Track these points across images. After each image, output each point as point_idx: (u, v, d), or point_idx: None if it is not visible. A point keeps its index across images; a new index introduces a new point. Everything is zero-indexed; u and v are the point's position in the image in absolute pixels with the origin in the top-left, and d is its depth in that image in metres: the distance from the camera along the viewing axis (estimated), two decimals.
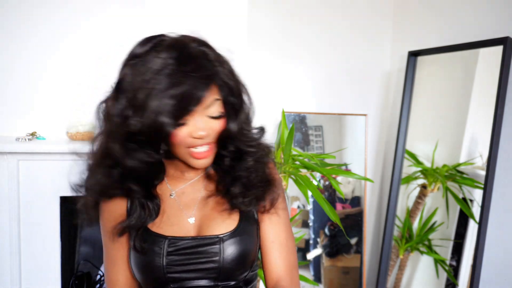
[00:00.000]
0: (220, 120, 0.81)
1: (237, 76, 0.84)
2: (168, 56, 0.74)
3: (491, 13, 1.61)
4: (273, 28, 1.96)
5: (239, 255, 0.85)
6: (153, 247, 0.83)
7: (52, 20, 1.57)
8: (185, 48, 0.77)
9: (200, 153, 0.81)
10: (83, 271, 1.76)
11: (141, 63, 0.77)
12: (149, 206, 0.85)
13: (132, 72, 0.78)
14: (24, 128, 1.56)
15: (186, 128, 0.78)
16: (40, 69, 1.58)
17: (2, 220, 1.43)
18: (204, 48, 0.79)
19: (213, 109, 0.79)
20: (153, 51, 0.77)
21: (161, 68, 0.73)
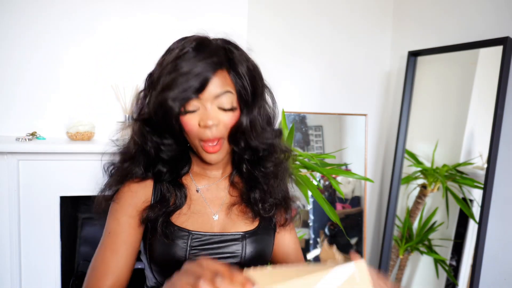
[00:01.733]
0: (231, 113, 0.81)
1: (258, 75, 0.85)
2: (188, 46, 0.78)
3: (491, 13, 1.62)
4: (273, 28, 1.96)
5: (258, 253, 0.88)
6: (177, 241, 0.84)
7: (52, 22, 1.57)
8: (207, 40, 0.81)
9: (210, 147, 0.81)
10: (83, 271, 1.76)
11: (166, 56, 0.80)
12: (177, 194, 0.86)
13: (159, 64, 0.82)
14: (24, 128, 1.56)
15: (195, 116, 0.79)
16: (41, 70, 1.58)
17: (2, 220, 1.43)
18: (228, 45, 0.82)
19: (224, 100, 0.79)
20: (180, 45, 0.80)
21: (180, 56, 0.77)
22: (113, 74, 1.63)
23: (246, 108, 0.82)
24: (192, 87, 0.75)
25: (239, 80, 0.81)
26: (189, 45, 0.78)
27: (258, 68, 0.87)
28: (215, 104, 0.79)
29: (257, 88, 0.84)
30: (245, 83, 0.81)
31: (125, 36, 1.65)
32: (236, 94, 0.81)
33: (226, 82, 0.79)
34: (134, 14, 1.64)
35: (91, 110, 1.63)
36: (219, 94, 0.78)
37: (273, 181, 0.90)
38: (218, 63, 0.77)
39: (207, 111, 0.78)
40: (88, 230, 1.82)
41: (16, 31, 1.54)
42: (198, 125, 0.79)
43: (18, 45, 1.55)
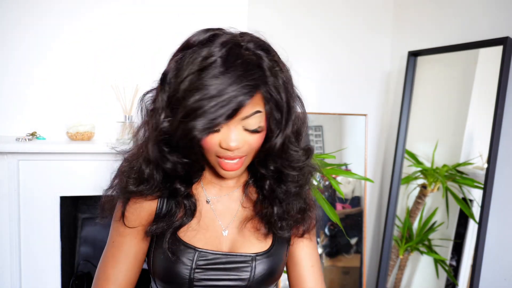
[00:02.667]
0: (258, 135, 0.72)
1: (291, 89, 0.75)
2: (216, 54, 0.66)
3: (491, 13, 1.61)
4: (272, 28, 1.95)
5: (268, 274, 0.82)
6: (182, 257, 0.78)
7: (51, 21, 1.58)
8: (237, 48, 0.68)
9: (228, 165, 0.74)
10: (83, 271, 1.76)
11: (188, 56, 0.68)
12: (186, 205, 0.79)
13: (177, 66, 0.70)
14: (24, 128, 1.56)
15: (218, 135, 0.70)
16: (40, 70, 1.58)
17: (2, 220, 1.43)
18: (260, 52, 0.70)
19: (251, 122, 0.70)
20: (204, 45, 0.68)
21: (205, 66, 0.65)
22: (113, 74, 1.63)
23: (279, 128, 0.72)
24: (223, 115, 0.65)
25: (272, 97, 0.70)
26: (218, 51, 0.66)
27: (291, 76, 0.76)
28: (241, 124, 0.70)
29: (291, 101, 0.73)
30: (279, 100, 0.70)
31: (125, 34, 1.65)
32: (266, 112, 0.71)
33: (257, 101, 0.69)
34: (133, 11, 1.65)
35: (91, 110, 1.63)
36: (247, 116, 0.69)
37: (295, 202, 0.82)
38: (253, 87, 0.66)
39: (230, 132, 0.70)
40: (88, 230, 1.82)
41: (16, 31, 1.54)
42: (219, 145, 0.71)
43: (18, 45, 1.55)
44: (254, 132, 0.71)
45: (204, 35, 0.70)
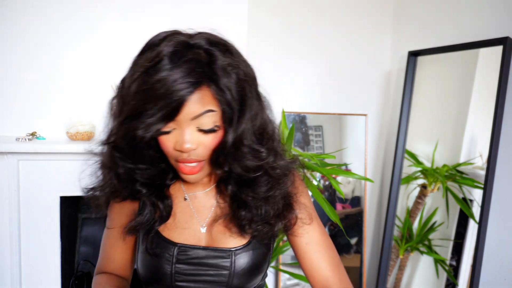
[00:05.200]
0: (213, 135, 0.69)
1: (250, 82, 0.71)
2: (163, 54, 0.65)
3: (491, 13, 1.61)
4: (272, 28, 1.96)
5: (250, 268, 0.80)
6: (162, 252, 0.79)
7: (52, 22, 1.57)
8: (185, 47, 0.66)
9: (187, 168, 0.72)
10: (83, 271, 1.76)
11: (140, 59, 0.69)
12: (160, 207, 0.80)
13: (130, 69, 0.71)
14: (24, 128, 1.56)
15: (172, 138, 0.69)
16: (40, 70, 1.58)
17: (2, 220, 1.43)
18: (213, 49, 0.68)
19: (204, 121, 0.67)
20: (155, 47, 0.68)
21: (151, 67, 0.65)
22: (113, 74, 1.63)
23: (232, 125, 0.69)
24: (164, 114, 0.64)
25: (223, 94, 0.67)
26: (165, 51, 0.65)
27: (251, 73, 0.73)
28: (194, 124, 0.68)
29: (247, 100, 0.70)
30: (230, 97, 0.67)
31: (125, 37, 1.65)
32: (220, 111, 0.68)
33: (207, 100, 0.67)
34: (133, 16, 1.64)
35: (91, 110, 1.63)
36: (197, 116, 0.66)
37: (267, 207, 0.78)
38: (196, 82, 0.64)
39: (183, 133, 0.68)
40: (88, 230, 1.82)
41: (16, 31, 1.54)
42: (173, 148, 0.69)
43: (18, 46, 1.55)
44: (209, 132, 0.69)
45: (158, 37, 0.70)
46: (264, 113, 0.75)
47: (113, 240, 0.87)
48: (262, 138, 0.74)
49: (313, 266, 0.82)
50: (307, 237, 0.83)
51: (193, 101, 0.65)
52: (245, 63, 0.72)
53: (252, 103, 0.71)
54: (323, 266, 0.82)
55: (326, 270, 0.82)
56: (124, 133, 0.68)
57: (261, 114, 0.74)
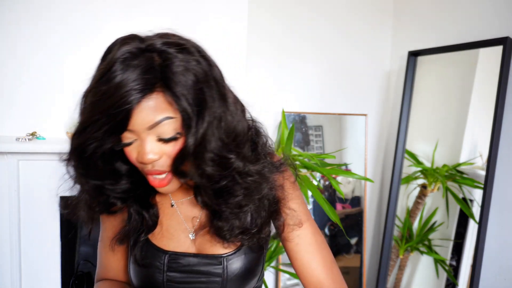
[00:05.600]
0: (175, 142, 0.64)
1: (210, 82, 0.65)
2: (113, 61, 0.61)
3: (491, 13, 1.62)
4: (273, 28, 1.96)
5: (243, 273, 0.78)
6: (153, 261, 0.77)
7: (52, 22, 1.57)
8: (138, 50, 0.62)
9: (156, 181, 0.68)
10: (83, 271, 1.76)
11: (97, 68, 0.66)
12: (145, 216, 0.77)
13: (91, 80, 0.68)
14: (24, 128, 1.56)
15: (133, 149, 0.66)
16: (40, 70, 1.58)
17: (2, 220, 1.43)
18: (169, 50, 0.63)
19: (164, 130, 0.63)
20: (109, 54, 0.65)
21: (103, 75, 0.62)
22: None
23: (192, 129, 0.63)
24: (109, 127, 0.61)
25: (178, 99, 0.61)
26: (116, 59, 0.61)
27: (213, 73, 0.66)
28: (153, 134, 0.63)
29: (207, 102, 0.63)
30: (185, 101, 0.61)
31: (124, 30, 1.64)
32: (181, 116, 0.62)
33: (163, 106, 0.62)
34: (133, 15, 1.64)
35: None
36: (153, 124, 0.62)
37: (246, 216, 0.74)
38: (144, 89, 0.60)
39: (143, 144, 0.64)
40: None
41: (16, 31, 1.54)
42: (136, 161, 0.66)
43: (18, 45, 1.55)
44: (170, 140, 0.64)
45: (114, 43, 0.67)
46: (233, 115, 0.67)
47: (106, 249, 0.86)
48: (232, 143, 0.67)
49: (304, 267, 0.80)
50: (297, 238, 0.80)
51: (144, 109, 0.61)
52: (206, 62, 0.66)
53: (213, 105, 0.64)
54: (314, 267, 0.79)
55: (317, 271, 0.79)
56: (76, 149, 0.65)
57: (228, 117, 0.66)
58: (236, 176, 0.68)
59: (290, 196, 0.79)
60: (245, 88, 1.71)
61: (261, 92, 1.91)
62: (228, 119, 0.66)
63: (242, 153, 0.69)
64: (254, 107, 0.83)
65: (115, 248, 0.83)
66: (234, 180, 0.69)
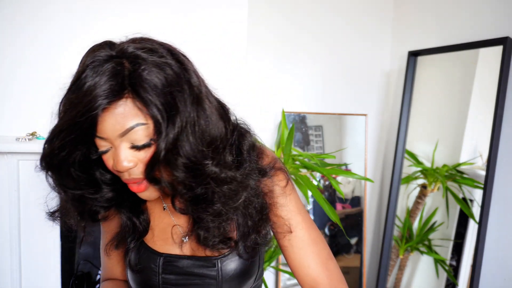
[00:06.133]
0: (149, 149, 0.63)
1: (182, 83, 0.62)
2: (84, 66, 0.61)
3: (491, 13, 1.61)
4: (273, 28, 1.96)
5: (238, 274, 0.77)
6: (148, 263, 0.77)
7: (52, 21, 1.57)
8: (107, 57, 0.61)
9: (134, 188, 0.67)
10: (83, 271, 1.76)
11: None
12: (136, 222, 0.77)
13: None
14: (24, 128, 1.56)
15: (109, 157, 0.65)
16: (40, 69, 1.58)
17: (2, 220, 1.43)
18: (140, 55, 0.61)
19: (136, 137, 0.61)
20: (80, 63, 0.65)
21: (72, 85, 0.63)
22: None
23: (162, 135, 0.61)
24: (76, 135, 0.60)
25: (148, 104, 0.60)
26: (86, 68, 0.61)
27: (186, 75, 0.63)
28: (126, 141, 0.62)
29: (178, 106, 0.60)
30: (155, 107, 0.59)
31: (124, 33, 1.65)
32: (153, 121, 0.61)
33: (133, 113, 0.60)
34: (134, 15, 1.64)
35: None
36: (124, 132, 0.61)
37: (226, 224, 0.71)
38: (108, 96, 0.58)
39: (117, 152, 0.63)
40: (88, 230, 1.82)
41: (16, 30, 1.54)
42: (112, 169, 0.65)
43: (18, 45, 1.55)
44: (143, 147, 0.62)
45: (87, 51, 0.66)
46: (208, 119, 0.64)
47: (104, 253, 0.88)
48: (208, 149, 0.64)
49: (297, 264, 0.76)
50: (289, 236, 0.77)
51: (113, 116, 0.60)
52: (178, 65, 0.63)
53: (185, 110, 0.61)
54: (307, 264, 0.76)
55: (311, 269, 0.76)
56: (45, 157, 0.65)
57: (201, 121, 0.63)
58: (212, 183, 0.65)
59: (280, 203, 0.76)
60: (245, 88, 1.71)
61: (261, 92, 1.91)
62: (202, 123, 0.63)
63: (219, 158, 0.66)
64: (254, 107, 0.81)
65: (110, 254, 0.84)
66: (210, 188, 0.65)
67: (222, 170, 0.66)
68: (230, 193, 0.67)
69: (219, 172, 0.65)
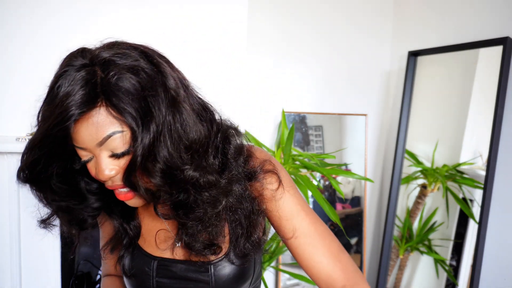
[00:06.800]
0: (128, 157, 0.62)
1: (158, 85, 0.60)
2: (57, 75, 0.61)
3: (491, 13, 1.61)
4: (273, 28, 1.96)
5: (232, 278, 0.75)
6: (142, 266, 0.77)
7: (52, 20, 1.57)
8: (79, 65, 0.60)
9: (121, 195, 0.66)
10: (83, 271, 1.76)
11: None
12: (126, 228, 0.77)
13: None
14: (24, 128, 1.56)
15: (92, 166, 0.64)
16: (40, 69, 1.58)
17: (2, 220, 1.43)
18: (113, 61, 0.59)
19: (114, 145, 0.60)
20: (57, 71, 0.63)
21: (48, 91, 0.62)
22: None
23: (137, 140, 0.59)
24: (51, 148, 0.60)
25: (122, 111, 0.58)
26: (58, 73, 0.61)
27: (161, 78, 0.61)
28: (105, 149, 0.61)
29: (152, 110, 0.58)
30: (128, 114, 0.58)
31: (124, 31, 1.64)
32: (129, 129, 0.59)
33: (108, 121, 0.59)
34: (135, 16, 1.64)
35: None
36: (101, 141, 0.59)
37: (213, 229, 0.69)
38: (81, 105, 0.57)
39: (98, 161, 0.62)
40: (89, 230, 1.82)
41: (16, 31, 1.54)
42: (96, 177, 0.64)
43: (17, 45, 1.55)
44: (123, 155, 0.61)
45: (62, 61, 0.65)
46: (186, 123, 0.62)
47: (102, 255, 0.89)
48: (186, 153, 0.62)
49: (309, 262, 0.74)
50: (295, 232, 0.74)
51: (89, 125, 0.58)
52: (153, 68, 0.61)
53: (160, 114, 0.59)
54: (319, 260, 0.73)
55: (324, 264, 0.73)
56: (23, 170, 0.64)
57: (177, 125, 0.61)
58: (191, 189, 0.63)
59: (270, 207, 0.74)
60: (245, 88, 1.71)
61: (261, 92, 1.91)
62: (178, 127, 0.60)
63: (198, 163, 0.63)
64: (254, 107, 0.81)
65: (106, 257, 0.85)
66: (191, 194, 0.64)
67: (202, 175, 0.63)
68: (210, 199, 0.65)
69: (199, 177, 0.63)
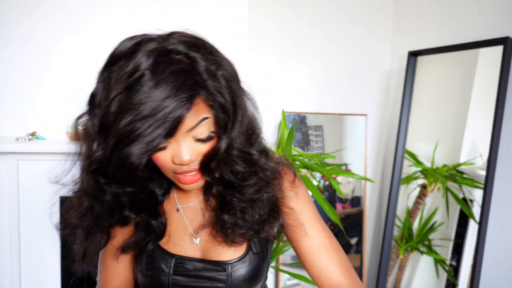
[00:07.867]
0: (211, 142, 0.65)
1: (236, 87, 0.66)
2: (143, 66, 0.58)
3: (491, 13, 1.62)
4: (273, 28, 1.96)
5: (247, 279, 0.78)
6: (159, 264, 0.78)
7: (52, 20, 1.57)
8: (165, 55, 0.60)
9: (187, 178, 0.68)
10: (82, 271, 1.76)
11: (115, 73, 0.61)
12: (153, 226, 0.76)
13: (104, 85, 0.64)
14: (24, 128, 1.56)
15: (168, 152, 0.64)
16: (40, 69, 1.58)
17: (2, 220, 1.43)
18: (193, 52, 0.62)
19: (200, 130, 0.63)
20: (129, 58, 0.61)
21: (133, 82, 0.58)
22: None
23: (225, 129, 0.64)
24: (160, 135, 0.58)
25: (215, 99, 0.62)
26: (144, 63, 0.58)
27: (235, 70, 0.67)
28: (190, 135, 0.63)
29: (237, 99, 0.64)
30: (222, 100, 0.62)
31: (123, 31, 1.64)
32: (214, 116, 0.63)
33: (201, 108, 0.62)
34: (135, 14, 1.64)
35: None
36: (193, 127, 0.62)
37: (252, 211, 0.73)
38: (190, 96, 0.58)
39: (181, 146, 0.63)
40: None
41: (17, 32, 1.54)
42: (171, 162, 0.65)
43: (19, 46, 1.55)
44: (207, 140, 0.64)
45: (128, 45, 0.63)
46: (249, 111, 0.70)
47: (110, 259, 0.84)
48: (250, 139, 0.69)
49: (322, 271, 0.78)
50: (312, 242, 0.78)
51: (190, 115, 0.60)
52: (226, 60, 0.67)
53: (241, 102, 0.66)
54: (332, 270, 0.78)
55: (336, 275, 0.78)
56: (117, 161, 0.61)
57: (247, 113, 0.68)
58: (258, 171, 0.71)
59: (289, 195, 0.78)
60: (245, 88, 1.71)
61: (261, 92, 1.91)
62: (247, 115, 0.68)
63: (263, 149, 0.72)
64: None
65: (119, 258, 0.82)
66: (257, 175, 0.71)
67: (266, 160, 0.72)
68: (267, 180, 0.72)
69: (264, 162, 0.71)
